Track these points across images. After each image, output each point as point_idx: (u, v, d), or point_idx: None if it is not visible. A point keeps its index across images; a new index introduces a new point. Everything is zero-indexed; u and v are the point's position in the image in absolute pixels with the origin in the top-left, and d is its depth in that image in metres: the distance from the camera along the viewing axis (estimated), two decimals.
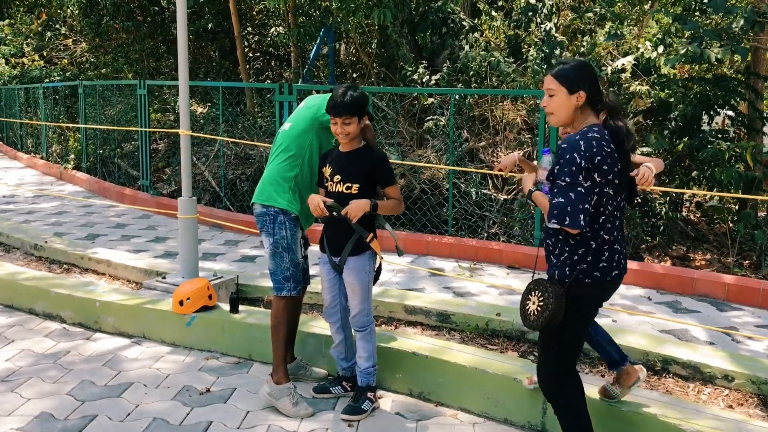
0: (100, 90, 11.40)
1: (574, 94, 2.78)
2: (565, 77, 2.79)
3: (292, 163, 3.72)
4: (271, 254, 3.77)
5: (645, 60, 6.78)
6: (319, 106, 3.72)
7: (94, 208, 9.24)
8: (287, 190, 3.71)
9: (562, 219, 2.68)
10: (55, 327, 4.96)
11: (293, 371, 4.04)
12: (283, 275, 3.76)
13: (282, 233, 3.72)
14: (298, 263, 3.81)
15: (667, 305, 5.45)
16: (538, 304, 2.85)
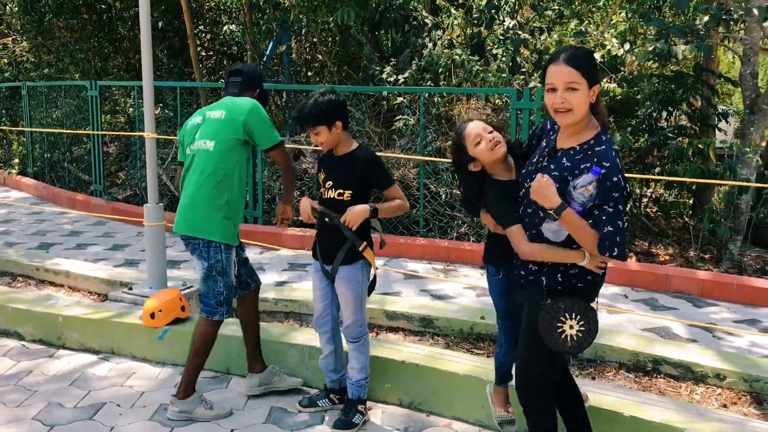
0: (45, 91, 10.91)
1: (592, 88, 2.49)
2: (587, 68, 2.47)
3: (221, 190, 3.52)
4: (203, 278, 3.59)
5: (611, 57, 6.78)
6: (243, 122, 3.53)
7: (45, 215, 8.82)
8: (220, 220, 3.52)
9: (612, 249, 2.44)
10: (13, 345, 4.65)
11: (266, 379, 3.88)
12: (216, 300, 3.59)
13: (217, 257, 3.55)
14: (232, 286, 3.65)
15: (644, 302, 5.44)
16: (578, 329, 2.57)
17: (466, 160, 2.83)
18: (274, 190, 7.86)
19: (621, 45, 6.77)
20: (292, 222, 7.46)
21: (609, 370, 4.05)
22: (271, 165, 7.89)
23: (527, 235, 2.67)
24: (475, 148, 2.77)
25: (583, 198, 2.43)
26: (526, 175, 2.69)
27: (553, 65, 2.49)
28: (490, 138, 2.77)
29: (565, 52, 2.49)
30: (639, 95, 6.80)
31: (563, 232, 2.54)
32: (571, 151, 2.54)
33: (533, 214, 2.65)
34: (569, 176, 2.49)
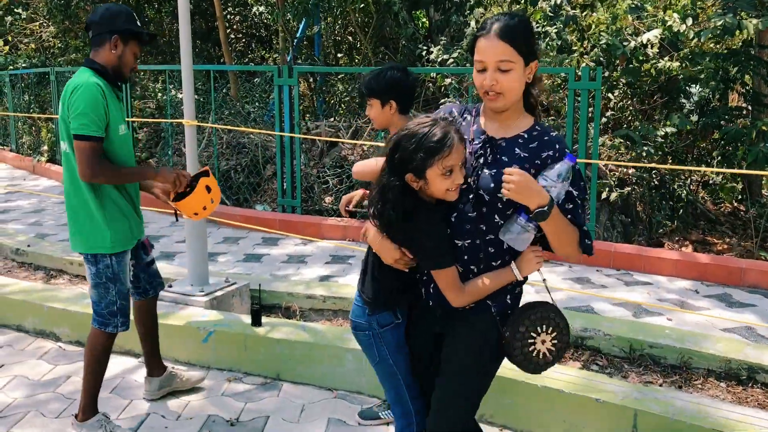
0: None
1: (528, 66, 2.05)
2: (524, 42, 2.02)
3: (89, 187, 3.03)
4: (93, 285, 3.16)
5: (673, 34, 6.32)
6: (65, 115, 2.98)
7: None
8: (98, 226, 3.05)
9: (591, 247, 2.13)
10: (49, 346, 4.39)
11: (166, 382, 3.62)
12: (109, 310, 3.17)
13: (106, 261, 3.11)
14: (126, 294, 3.23)
15: (718, 299, 5.05)
16: (550, 342, 2.17)
17: (419, 170, 2.05)
18: (311, 178, 7.53)
19: (683, 21, 6.30)
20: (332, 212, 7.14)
21: (696, 377, 3.68)
22: (307, 152, 7.57)
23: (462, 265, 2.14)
24: (442, 176, 2.04)
25: (562, 190, 2.02)
26: (468, 173, 2.12)
27: (484, 39, 2.02)
28: (461, 182, 2.07)
29: (498, 22, 2.01)
30: (703, 74, 6.33)
31: (531, 238, 2.06)
32: (520, 140, 2.10)
33: (486, 220, 2.09)
34: (530, 168, 2.05)
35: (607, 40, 6.49)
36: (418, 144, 2.03)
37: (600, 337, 3.97)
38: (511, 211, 2.07)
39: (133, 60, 3.09)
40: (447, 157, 2.01)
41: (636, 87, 7.26)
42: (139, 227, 3.29)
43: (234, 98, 9.75)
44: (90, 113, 2.89)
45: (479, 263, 2.13)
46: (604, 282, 5.46)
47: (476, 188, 2.09)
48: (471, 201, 2.09)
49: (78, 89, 2.92)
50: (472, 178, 2.10)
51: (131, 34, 3.03)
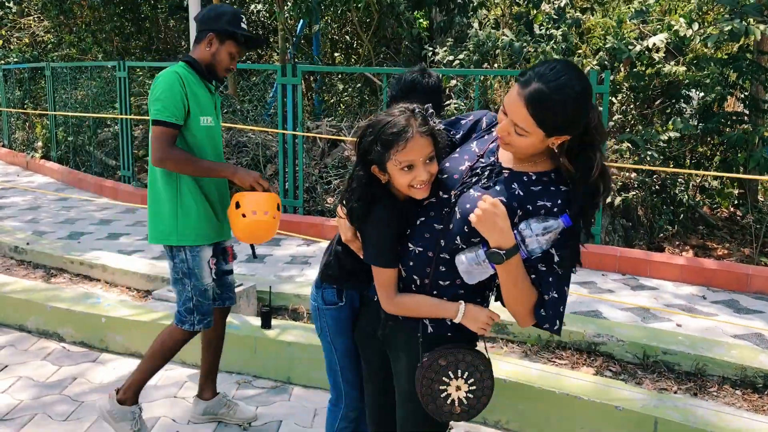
0: (69, 72, 10.54)
1: (551, 138, 1.82)
2: (551, 119, 1.75)
3: (166, 177, 2.96)
4: (172, 281, 3.11)
5: (678, 39, 6.32)
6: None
7: (72, 202, 8.48)
8: (172, 217, 2.97)
9: (554, 322, 1.87)
10: (53, 347, 4.31)
11: (213, 409, 3.39)
12: (185, 306, 3.07)
13: (181, 255, 3.02)
14: (206, 290, 3.09)
15: (725, 305, 5.05)
16: (465, 392, 1.94)
17: (378, 162, 1.92)
18: (313, 178, 7.48)
19: (689, 25, 6.30)
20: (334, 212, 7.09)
21: (711, 385, 3.66)
22: (309, 152, 7.51)
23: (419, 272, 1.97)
24: (401, 171, 1.90)
25: (538, 246, 1.79)
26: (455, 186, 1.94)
27: (516, 89, 1.78)
28: (424, 179, 1.90)
29: (536, 83, 1.73)
30: (708, 79, 6.33)
31: (484, 275, 1.86)
32: (525, 177, 1.88)
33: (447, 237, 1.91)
34: (518, 208, 1.84)
35: (613, 43, 6.47)
36: (376, 135, 1.90)
37: (613, 343, 3.94)
38: (478, 240, 1.85)
39: (229, 60, 3.01)
40: (403, 150, 1.85)
41: (639, 91, 7.25)
42: (221, 229, 3.14)
43: (233, 96, 9.67)
44: (165, 99, 2.86)
45: (424, 276, 1.95)
46: (610, 286, 5.45)
47: (453, 203, 1.91)
48: (443, 214, 1.92)
49: (158, 78, 2.93)
50: (455, 191, 1.92)
51: (228, 34, 2.98)
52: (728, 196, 8.23)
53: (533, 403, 3.30)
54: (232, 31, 2.97)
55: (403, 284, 2.00)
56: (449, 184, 1.94)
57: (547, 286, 1.85)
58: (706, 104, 7.34)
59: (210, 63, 3.00)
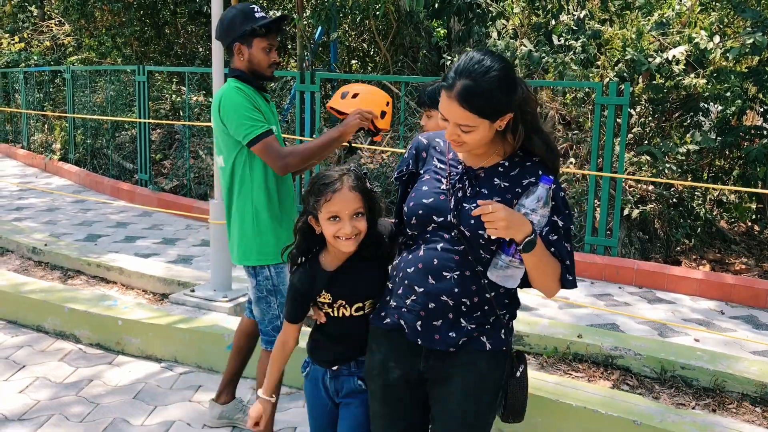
0: (88, 75, 10.64)
1: (496, 122, 1.86)
2: (488, 105, 1.81)
3: (241, 198, 2.95)
4: (255, 301, 3.02)
5: (699, 51, 6.29)
6: (221, 121, 2.88)
7: (89, 204, 8.54)
8: (252, 236, 2.92)
9: (575, 282, 1.96)
10: (69, 348, 4.33)
11: (229, 414, 3.35)
12: (272, 325, 2.98)
13: (264, 273, 2.96)
14: None
15: (744, 320, 5.00)
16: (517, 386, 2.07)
17: (312, 211, 2.05)
18: None
19: (710, 38, 6.26)
20: None
21: (730, 401, 3.62)
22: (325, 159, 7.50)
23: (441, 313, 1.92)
24: (328, 221, 2.01)
25: (541, 217, 1.81)
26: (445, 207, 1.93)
27: (444, 94, 1.84)
28: (348, 231, 1.99)
29: (461, 79, 1.80)
30: (729, 92, 6.29)
31: (519, 273, 1.87)
32: (500, 168, 1.94)
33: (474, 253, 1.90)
34: (512, 198, 1.89)
35: (633, 55, 6.45)
36: (312, 186, 2.05)
37: (630, 357, 3.91)
38: (495, 247, 1.88)
39: (266, 55, 2.94)
40: (329, 201, 1.98)
41: (658, 103, 7.22)
42: None
43: None
44: (245, 114, 2.80)
45: (472, 296, 1.91)
46: (627, 299, 5.41)
47: (457, 224, 1.90)
48: (454, 238, 1.91)
49: (223, 101, 2.86)
50: (452, 214, 1.91)
51: (250, 33, 2.90)
52: (746, 210, 8.16)
53: (549, 415, 3.27)
54: (251, 29, 2.90)
55: (452, 313, 1.93)
56: (440, 206, 1.93)
57: (565, 250, 1.92)
58: (725, 117, 7.30)
59: (252, 69, 2.95)
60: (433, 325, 1.93)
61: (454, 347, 1.93)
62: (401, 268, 2.00)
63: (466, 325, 1.93)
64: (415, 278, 1.94)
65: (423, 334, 1.94)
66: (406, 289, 1.97)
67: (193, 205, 7.72)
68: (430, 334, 1.94)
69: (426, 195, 1.97)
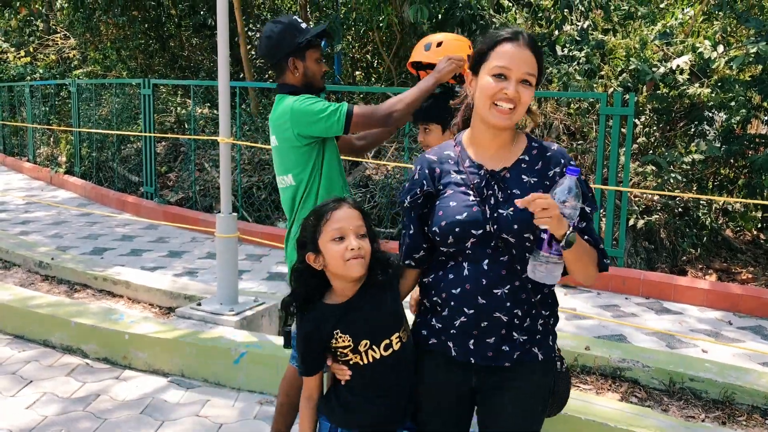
0: (93, 88, 10.69)
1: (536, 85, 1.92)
2: (542, 60, 1.91)
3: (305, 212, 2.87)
4: None
5: (703, 61, 6.29)
6: (295, 137, 2.81)
7: (95, 217, 8.56)
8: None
9: (608, 265, 1.97)
10: (76, 363, 4.33)
11: None
12: None
13: None
14: None
15: (752, 331, 4.97)
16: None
17: (311, 240, 1.93)
18: None
19: (714, 47, 6.27)
20: None
21: (740, 414, 3.60)
22: None
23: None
24: (333, 242, 1.89)
25: (573, 210, 1.76)
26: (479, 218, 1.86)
27: (511, 45, 1.83)
28: (355, 247, 1.88)
29: (524, 33, 1.87)
30: (734, 101, 6.29)
31: (559, 268, 1.81)
32: (523, 164, 1.91)
33: (520, 260, 1.87)
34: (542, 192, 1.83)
35: (636, 65, 6.46)
36: (307, 218, 1.98)
37: (639, 369, 3.89)
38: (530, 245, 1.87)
39: (318, 66, 2.92)
40: (330, 220, 1.89)
41: (662, 113, 7.22)
42: None
43: (255, 114, 9.75)
44: (320, 108, 2.75)
45: (522, 305, 1.89)
46: (634, 310, 5.39)
47: (498, 233, 1.85)
48: (499, 247, 1.86)
49: (293, 114, 2.78)
50: (490, 224, 1.85)
51: (303, 47, 2.86)
52: (751, 219, 8.14)
53: (558, 429, 3.25)
54: (304, 42, 2.86)
55: (505, 327, 1.89)
56: (475, 218, 1.86)
57: (597, 237, 1.93)
58: (729, 126, 7.30)
59: (306, 82, 2.91)
60: (486, 342, 1.89)
61: (509, 362, 1.90)
62: (444, 288, 1.92)
63: (518, 337, 1.90)
64: (464, 299, 1.88)
65: (476, 353, 1.90)
66: (453, 311, 1.90)
67: (199, 218, 7.73)
68: (483, 352, 1.90)
69: (457, 210, 1.89)
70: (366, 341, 1.91)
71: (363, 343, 1.91)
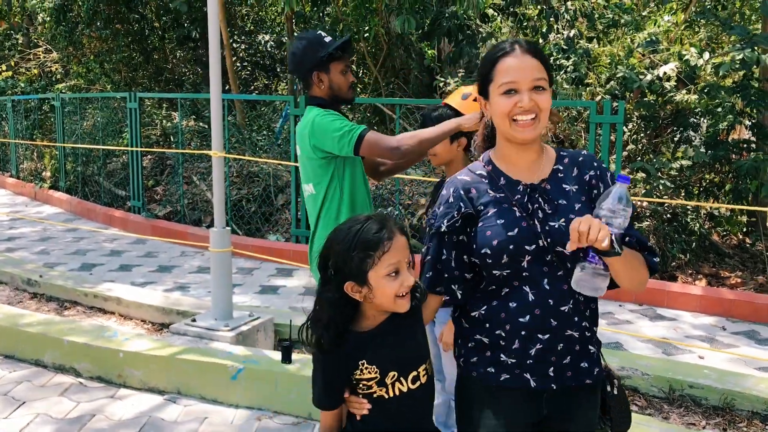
0: (77, 102, 10.60)
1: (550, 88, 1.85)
2: (547, 60, 1.84)
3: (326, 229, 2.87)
4: None
5: (689, 68, 6.35)
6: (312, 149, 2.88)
7: (81, 233, 8.47)
8: None
9: (657, 263, 1.88)
10: (69, 382, 4.26)
11: None
12: None
13: None
14: None
15: (746, 336, 5.00)
16: None
17: (357, 274, 1.70)
18: None
19: (700, 54, 6.33)
20: None
21: (740, 420, 3.61)
22: None
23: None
24: (387, 278, 1.69)
25: (623, 219, 1.66)
26: (528, 234, 1.78)
27: (511, 57, 1.77)
28: (411, 283, 1.72)
29: (519, 41, 1.80)
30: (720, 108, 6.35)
31: (605, 281, 1.71)
32: (560, 174, 1.85)
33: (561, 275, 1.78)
34: (587, 199, 1.82)
35: (624, 73, 6.51)
36: (351, 242, 1.69)
37: (638, 377, 3.89)
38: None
39: (344, 78, 2.94)
40: (389, 252, 1.67)
41: (649, 120, 7.28)
42: None
43: (242, 126, 9.71)
44: (337, 126, 2.78)
45: (585, 316, 1.83)
46: (628, 317, 5.40)
47: (551, 246, 1.77)
48: (553, 263, 1.78)
49: (313, 126, 2.83)
50: (542, 239, 1.77)
51: (327, 60, 2.89)
52: (738, 223, 8.21)
53: None
54: (328, 54, 2.88)
55: (565, 345, 1.81)
56: (527, 233, 1.77)
57: (641, 235, 1.83)
58: (715, 132, 7.36)
59: (333, 95, 2.94)
60: (564, 364, 1.80)
61: (590, 379, 1.84)
62: (507, 319, 1.80)
63: (594, 350, 1.85)
64: (535, 326, 1.77)
65: (556, 379, 1.81)
66: (525, 340, 1.79)
67: (188, 232, 7.67)
68: (563, 375, 1.81)
69: (507, 227, 1.78)
70: (394, 373, 1.75)
71: (390, 375, 1.75)
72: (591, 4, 8.63)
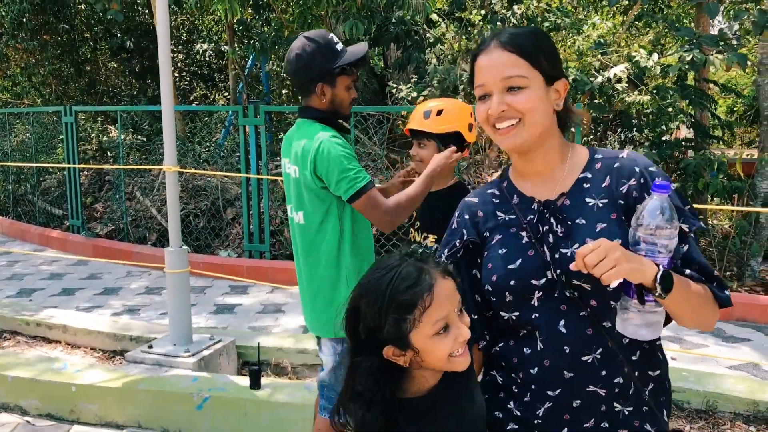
0: (5, 118, 10.03)
1: (553, 87, 1.47)
2: (540, 52, 1.45)
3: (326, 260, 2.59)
4: (333, 368, 2.61)
5: (639, 69, 6.41)
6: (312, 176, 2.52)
7: (16, 256, 7.98)
8: (335, 306, 2.54)
9: (729, 298, 1.44)
10: (15, 421, 3.91)
11: None
12: None
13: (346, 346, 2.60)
14: None
15: (713, 334, 5.03)
16: None
17: (398, 338, 1.32)
18: (278, 220, 7.22)
19: (649, 56, 6.40)
20: None
21: (723, 422, 3.57)
22: (272, 192, 7.26)
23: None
24: (437, 337, 1.32)
25: (672, 243, 1.29)
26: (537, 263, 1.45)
27: (484, 56, 1.46)
28: (467, 336, 1.36)
29: (496, 36, 1.45)
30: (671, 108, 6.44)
31: (657, 316, 1.31)
32: (585, 184, 1.47)
33: (607, 312, 1.41)
34: (621, 214, 1.43)
35: (575, 75, 6.52)
36: (383, 302, 1.31)
37: None
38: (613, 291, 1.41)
39: (348, 93, 2.62)
40: (432, 307, 1.30)
41: (599, 122, 7.33)
42: None
43: (182, 138, 9.36)
44: (347, 167, 2.47)
45: (621, 369, 1.42)
46: None
47: (566, 279, 1.41)
48: (569, 300, 1.42)
49: (320, 154, 2.47)
50: (552, 270, 1.43)
51: (335, 72, 2.55)
52: None
53: None
54: (338, 69, 2.56)
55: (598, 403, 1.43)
56: (532, 264, 1.45)
57: (704, 265, 1.41)
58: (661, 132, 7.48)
59: (332, 110, 2.63)
60: (584, 427, 1.44)
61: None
62: (519, 366, 1.48)
63: (622, 409, 1.43)
64: (545, 378, 1.44)
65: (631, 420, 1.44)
66: (534, 396, 1.46)
67: (133, 251, 7.31)
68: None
69: (509, 258, 1.47)
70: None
71: None
72: (534, 8, 8.66)
